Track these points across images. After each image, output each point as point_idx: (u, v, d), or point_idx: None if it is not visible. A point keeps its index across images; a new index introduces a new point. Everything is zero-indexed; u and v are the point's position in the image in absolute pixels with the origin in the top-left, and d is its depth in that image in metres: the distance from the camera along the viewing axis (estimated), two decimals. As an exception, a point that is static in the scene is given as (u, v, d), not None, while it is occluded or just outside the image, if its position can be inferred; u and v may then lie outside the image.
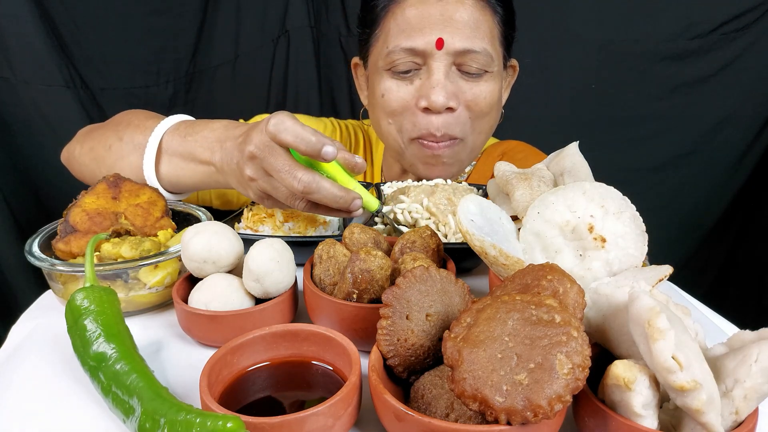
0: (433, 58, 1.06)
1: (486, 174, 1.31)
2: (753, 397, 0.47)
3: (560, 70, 1.98)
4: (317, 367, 0.61)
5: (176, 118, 0.98)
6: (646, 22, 1.90)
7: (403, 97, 1.10)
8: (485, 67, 1.09)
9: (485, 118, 1.13)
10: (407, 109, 1.10)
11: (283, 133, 0.75)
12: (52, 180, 1.77)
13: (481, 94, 1.10)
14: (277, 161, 0.77)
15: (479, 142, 1.17)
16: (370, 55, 1.17)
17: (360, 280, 0.63)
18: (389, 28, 1.10)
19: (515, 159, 1.31)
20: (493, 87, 1.12)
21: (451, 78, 1.08)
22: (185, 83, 1.89)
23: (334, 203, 0.78)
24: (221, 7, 1.87)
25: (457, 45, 1.05)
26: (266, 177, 0.79)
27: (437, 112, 1.07)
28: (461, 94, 1.09)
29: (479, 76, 1.09)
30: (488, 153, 1.35)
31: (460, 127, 1.10)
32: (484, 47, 1.07)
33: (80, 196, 0.83)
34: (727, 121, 1.99)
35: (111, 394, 0.55)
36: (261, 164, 0.78)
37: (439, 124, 1.08)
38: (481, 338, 0.48)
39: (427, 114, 1.08)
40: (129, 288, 0.75)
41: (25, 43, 1.62)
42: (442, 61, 1.06)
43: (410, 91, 1.09)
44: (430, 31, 1.05)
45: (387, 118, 1.14)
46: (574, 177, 0.76)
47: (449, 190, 0.95)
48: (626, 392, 0.47)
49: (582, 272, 0.63)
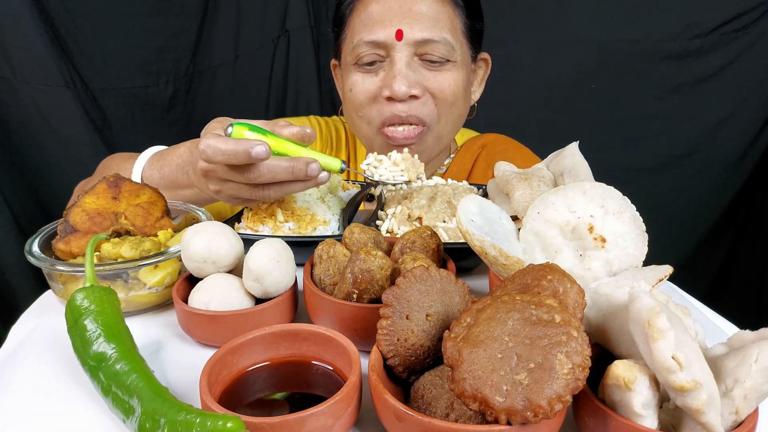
0: (395, 49, 1.10)
1: (465, 167, 1.34)
2: (753, 397, 0.47)
3: (560, 70, 1.99)
4: (317, 367, 0.61)
5: (148, 153, 1.02)
6: (646, 22, 1.90)
7: (369, 89, 1.14)
8: (447, 56, 1.12)
9: (451, 108, 1.16)
10: (373, 100, 1.15)
11: (213, 158, 0.77)
12: (52, 180, 1.77)
13: (444, 82, 1.13)
14: (221, 168, 0.80)
15: (446, 132, 1.20)
16: (341, 53, 1.22)
17: (360, 280, 0.63)
18: (354, 25, 1.16)
19: (495, 151, 1.34)
20: (457, 76, 1.15)
21: (414, 67, 1.12)
22: (185, 83, 1.89)
23: (291, 175, 0.79)
24: (221, 7, 1.87)
25: (416, 35, 1.09)
26: (225, 183, 0.82)
27: (401, 101, 1.11)
28: (425, 82, 1.12)
29: (441, 64, 1.13)
30: (467, 146, 1.37)
31: (427, 111, 1.14)
32: (443, 37, 1.11)
33: (80, 196, 0.83)
34: (727, 121, 1.99)
35: (111, 394, 0.55)
36: (214, 176, 0.82)
37: (403, 108, 1.12)
38: (481, 338, 0.48)
39: (391, 103, 1.12)
40: (129, 288, 0.75)
41: (25, 43, 1.62)
42: (404, 52, 1.10)
43: (375, 82, 1.14)
44: (390, 24, 1.10)
45: (356, 112, 1.18)
46: (574, 177, 0.76)
47: (449, 191, 0.95)
48: (626, 392, 0.47)
49: (582, 272, 0.63)
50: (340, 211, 0.98)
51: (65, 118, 1.73)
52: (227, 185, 0.82)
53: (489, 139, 1.39)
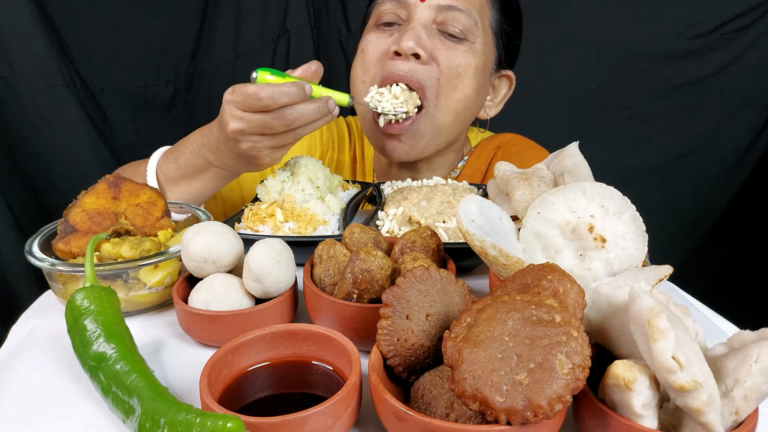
0: (416, 10, 1.08)
1: (480, 168, 1.30)
2: (753, 397, 0.47)
3: (560, 70, 1.98)
4: (317, 367, 0.61)
5: (158, 152, 1.04)
6: (646, 22, 1.90)
7: (380, 48, 1.12)
8: (466, 33, 1.09)
9: (455, 89, 1.10)
10: (381, 58, 1.11)
11: (279, 99, 0.83)
12: (52, 180, 1.77)
13: (455, 59, 1.09)
14: (257, 118, 0.85)
15: (446, 122, 1.13)
16: (368, 22, 1.20)
17: (360, 280, 0.63)
18: None
19: (511, 152, 1.30)
20: (470, 60, 1.10)
21: (429, 33, 1.09)
22: (185, 83, 1.89)
23: (318, 113, 0.87)
24: (221, 7, 1.87)
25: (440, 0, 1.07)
26: (259, 139, 0.88)
27: (405, 57, 1.07)
28: (435, 51, 1.08)
29: (459, 40, 1.10)
30: (482, 147, 1.34)
31: (428, 76, 1.08)
32: (468, 8, 1.08)
33: (80, 196, 0.83)
34: (727, 121, 1.99)
35: (111, 394, 0.55)
36: (249, 132, 0.87)
37: (405, 67, 1.08)
38: (481, 338, 0.48)
39: (395, 59, 1.08)
40: (129, 288, 0.75)
41: (25, 43, 1.62)
42: (424, 13, 1.08)
43: (388, 41, 1.11)
44: None
45: (362, 76, 1.14)
46: (575, 177, 0.76)
47: (449, 191, 0.95)
48: (626, 392, 0.47)
49: (582, 272, 0.63)
50: (340, 211, 0.98)
51: (65, 118, 1.73)
52: (261, 139, 0.88)
53: (504, 140, 1.35)
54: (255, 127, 0.86)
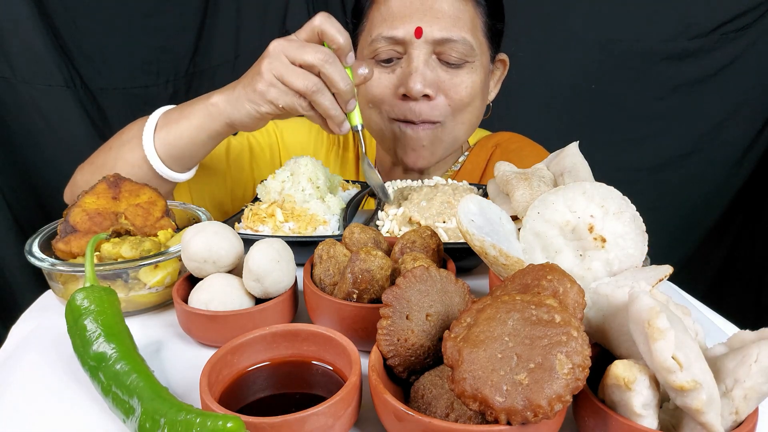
0: (413, 46, 1.09)
1: (479, 166, 1.32)
2: (753, 397, 0.47)
3: (560, 70, 1.99)
4: (317, 367, 0.61)
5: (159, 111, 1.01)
6: (646, 22, 1.90)
7: (385, 85, 1.13)
8: (465, 57, 1.10)
9: (466, 108, 1.15)
10: (387, 96, 1.13)
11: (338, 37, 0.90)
12: (52, 180, 1.77)
13: (461, 84, 1.11)
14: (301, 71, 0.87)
15: (461, 133, 1.19)
16: (358, 45, 1.21)
17: (360, 280, 0.63)
18: (373, 18, 1.14)
19: (509, 150, 1.32)
20: (475, 78, 1.13)
21: (431, 67, 1.10)
22: (185, 83, 1.89)
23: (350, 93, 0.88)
24: (221, 7, 1.87)
25: (435, 34, 1.08)
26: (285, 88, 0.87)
27: (415, 99, 1.10)
28: (441, 83, 1.11)
29: (459, 66, 1.11)
30: (481, 145, 1.36)
31: (439, 112, 1.12)
32: (463, 37, 1.09)
33: (80, 196, 0.83)
34: (727, 121, 1.99)
35: (111, 394, 0.55)
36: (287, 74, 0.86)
37: (418, 110, 1.11)
38: (481, 338, 0.48)
39: (405, 101, 1.11)
40: (129, 288, 0.75)
41: (25, 43, 1.62)
42: (422, 50, 1.08)
43: (391, 79, 1.13)
44: (410, 20, 1.08)
45: (368, 104, 1.17)
46: (574, 177, 0.76)
47: (449, 191, 0.95)
48: (626, 392, 0.47)
49: (582, 272, 0.63)
50: (340, 211, 0.98)
51: (65, 118, 1.73)
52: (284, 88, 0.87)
53: (503, 138, 1.37)
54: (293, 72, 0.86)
